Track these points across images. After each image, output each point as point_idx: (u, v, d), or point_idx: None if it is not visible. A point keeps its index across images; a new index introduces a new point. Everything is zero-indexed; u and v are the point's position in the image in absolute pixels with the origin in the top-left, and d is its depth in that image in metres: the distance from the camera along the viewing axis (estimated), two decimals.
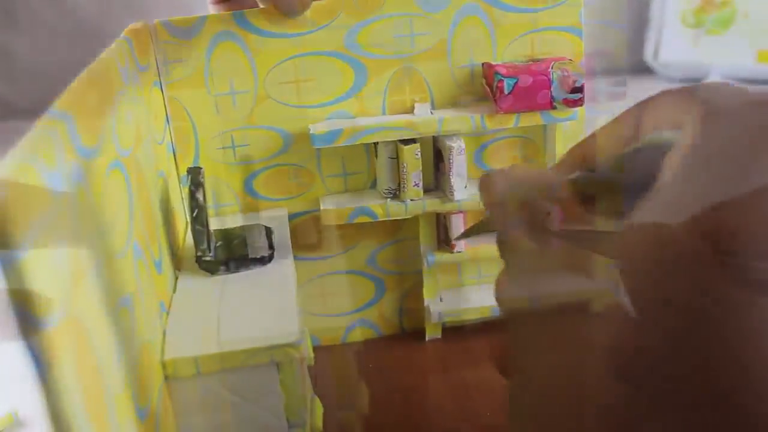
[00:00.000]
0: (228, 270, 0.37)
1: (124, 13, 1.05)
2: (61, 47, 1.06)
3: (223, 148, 0.42)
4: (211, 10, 0.45)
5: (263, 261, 0.37)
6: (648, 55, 1.04)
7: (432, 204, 0.42)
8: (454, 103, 0.43)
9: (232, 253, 0.37)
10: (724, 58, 1.00)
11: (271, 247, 0.38)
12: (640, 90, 0.40)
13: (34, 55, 1.06)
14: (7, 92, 1.07)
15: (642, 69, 1.03)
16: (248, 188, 0.43)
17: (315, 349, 0.42)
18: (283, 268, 0.37)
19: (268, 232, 0.39)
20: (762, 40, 0.99)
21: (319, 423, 0.36)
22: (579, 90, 0.41)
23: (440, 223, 0.44)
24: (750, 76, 0.99)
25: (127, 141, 0.31)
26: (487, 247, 0.44)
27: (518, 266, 0.26)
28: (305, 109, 0.42)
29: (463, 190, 0.42)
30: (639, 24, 1.07)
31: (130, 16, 1.13)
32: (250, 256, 0.37)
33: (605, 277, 0.24)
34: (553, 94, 0.40)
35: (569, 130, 0.43)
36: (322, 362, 0.41)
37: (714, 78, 0.99)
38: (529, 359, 0.24)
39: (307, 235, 0.44)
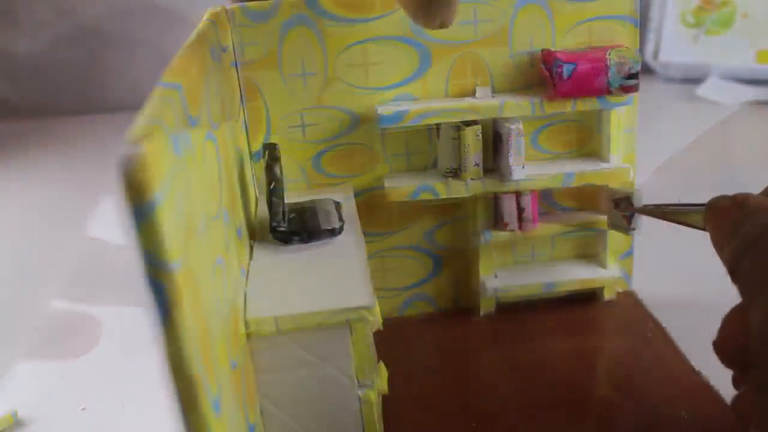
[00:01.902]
0: (301, 240, 0.39)
1: (123, 14, 1.07)
2: (61, 47, 1.07)
3: (292, 127, 0.44)
4: None
5: (334, 232, 0.39)
6: (648, 55, 1.05)
7: (491, 184, 0.44)
8: (513, 88, 0.45)
9: (304, 225, 0.39)
10: (724, 58, 1.01)
11: (341, 219, 0.40)
12: (641, 90, 0.42)
13: (34, 55, 1.07)
14: (7, 92, 1.08)
15: (642, 69, 1.03)
16: (316, 165, 0.45)
17: None
18: (353, 239, 0.39)
19: (337, 206, 0.41)
20: (762, 40, 0.99)
21: (385, 385, 0.38)
22: (635, 76, 0.42)
23: (497, 202, 0.46)
24: (750, 76, 0.99)
25: (216, 115, 0.34)
26: (541, 227, 0.46)
27: None
28: (372, 91, 0.44)
29: (521, 171, 0.44)
30: (639, 24, 1.07)
31: (129, 18, 1.14)
32: (321, 228, 0.39)
33: None
34: (610, 79, 0.42)
35: (623, 115, 0.45)
36: (379, 332, 0.43)
37: (714, 78, 1.00)
38: None
39: (369, 212, 0.46)
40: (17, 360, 0.50)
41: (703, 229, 0.31)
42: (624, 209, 0.45)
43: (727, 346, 0.31)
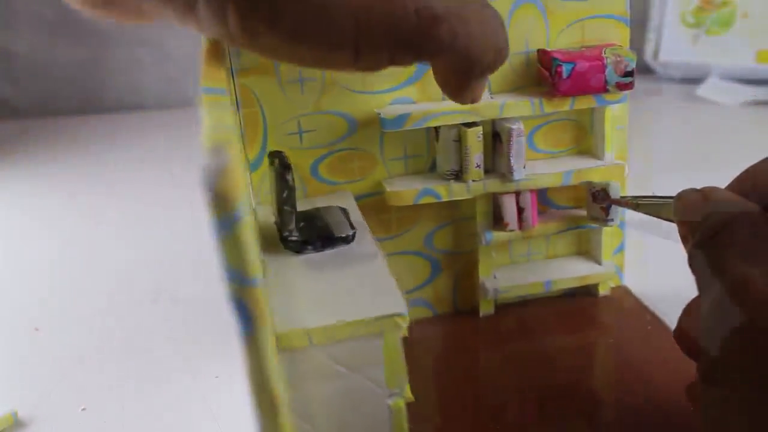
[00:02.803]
0: (314, 249, 0.38)
1: None
2: (61, 47, 1.05)
3: (290, 133, 0.43)
4: None
5: (347, 240, 0.38)
6: (648, 55, 1.06)
7: (492, 185, 0.44)
8: (510, 88, 0.45)
9: (316, 233, 0.38)
10: (724, 58, 1.03)
11: (352, 227, 0.39)
12: (641, 90, 0.43)
13: (34, 55, 1.06)
14: (7, 92, 1.06)
15: (642, 69, 1.06)
16: (314, 172, 0.44)
17: None
18: (368, 245, 0.38)
19: (345, 212, 0.40)
20: (762, 40, 1.01)
21: (410, 392, 0.38)
22: (630, 74, 0.43)
23: (497, 203, 0.46)
24: (750, 76, 1.02)
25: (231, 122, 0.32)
26: (539, 226, 0.46)
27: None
28: (370, 95, 0.43)
29: (522, 171, 0.44)
30: (639, 24, 1.09)
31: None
32: (335, 236, 0.38)
33: None
34: (607, 78, 0.43)
35: (617, 113, 0.46)
36: None
37: (714, 78, 1.02)
38: None
39: (367, 217, 0.45)
40: (17, 360, 0.49)
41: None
42: (601, 201, 0.46)
43: (683, 336, 0.32)
